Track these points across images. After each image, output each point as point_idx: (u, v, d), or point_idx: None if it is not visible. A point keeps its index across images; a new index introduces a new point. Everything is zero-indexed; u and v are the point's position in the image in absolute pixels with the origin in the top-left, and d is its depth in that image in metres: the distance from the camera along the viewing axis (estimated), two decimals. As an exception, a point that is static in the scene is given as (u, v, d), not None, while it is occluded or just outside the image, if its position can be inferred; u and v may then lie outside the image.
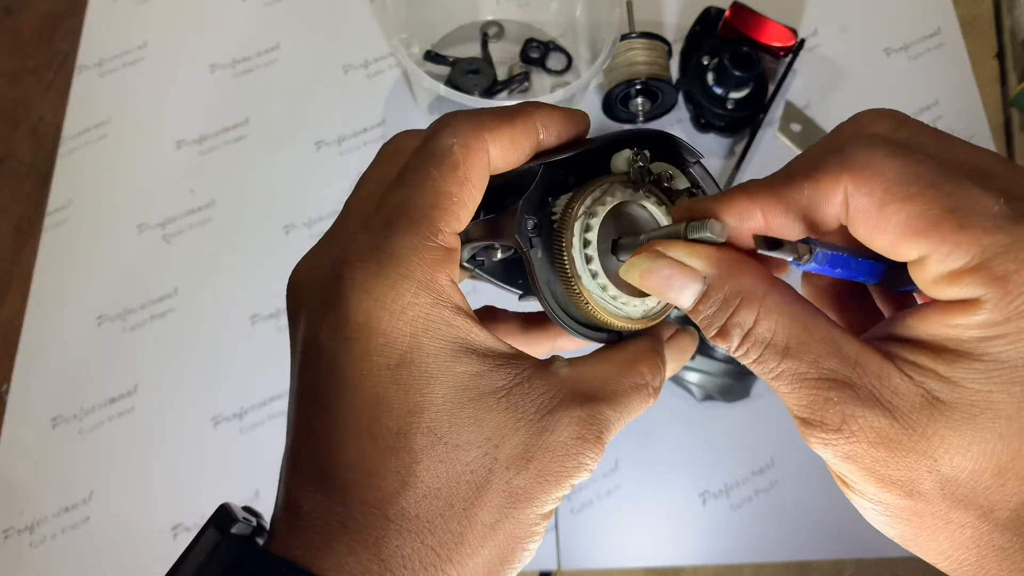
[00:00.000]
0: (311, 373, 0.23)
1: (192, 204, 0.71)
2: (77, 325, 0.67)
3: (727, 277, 0.21)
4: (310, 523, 0.22)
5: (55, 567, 0.60)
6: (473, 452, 0.22)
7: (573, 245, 0.25)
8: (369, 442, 0.22)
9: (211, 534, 0.23)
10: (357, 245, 0.23)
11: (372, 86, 0.76)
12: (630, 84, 0.69)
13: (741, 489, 0.63)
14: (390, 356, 0.22)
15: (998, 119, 0.76)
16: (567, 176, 0.26)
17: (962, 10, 0.79)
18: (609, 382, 0.24)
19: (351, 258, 0.22)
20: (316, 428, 0.23)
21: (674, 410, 0.65)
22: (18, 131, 0.75)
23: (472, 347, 0.23)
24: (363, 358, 0.22)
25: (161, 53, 0.77)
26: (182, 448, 0.64)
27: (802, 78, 0.76)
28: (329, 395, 0.22)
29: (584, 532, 0.61)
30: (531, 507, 0.22)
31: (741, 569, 0.61)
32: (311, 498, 0.22)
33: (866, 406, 0.20)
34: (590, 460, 0.23)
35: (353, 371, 0.22)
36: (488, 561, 0.22)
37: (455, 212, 0.23)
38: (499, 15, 0.77)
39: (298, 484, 0.23)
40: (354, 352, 0.22)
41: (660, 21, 0.78)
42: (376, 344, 0.22)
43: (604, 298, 0.26)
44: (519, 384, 0.23)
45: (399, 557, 0.21)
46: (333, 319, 0.22)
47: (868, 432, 0.20)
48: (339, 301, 0.22)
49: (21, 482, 0.63)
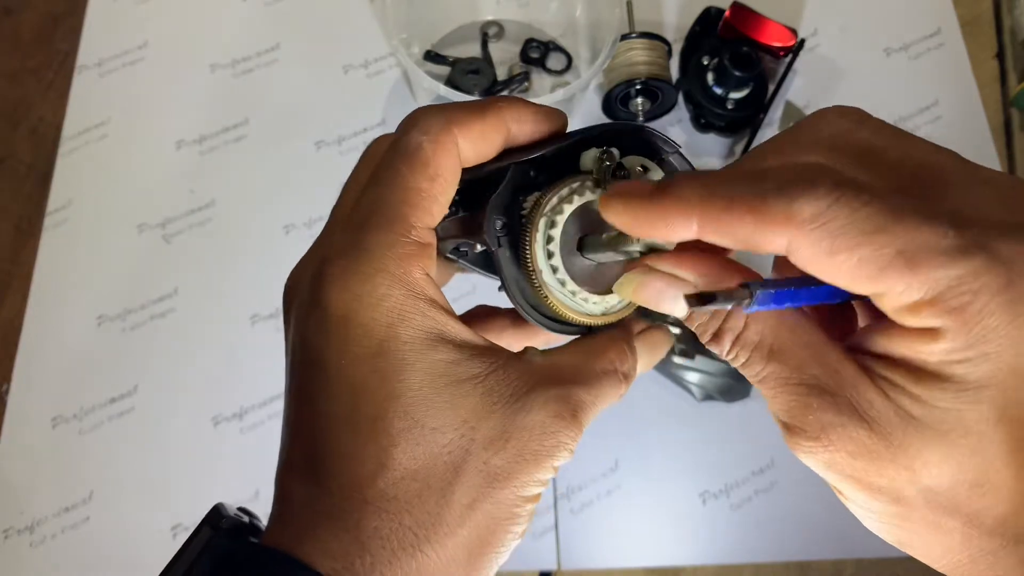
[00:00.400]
0: (299, 369, 0.24)
1: (192, 204, 0.71)
2: (77, 325, 0.67)
3: (717, 285, 0.22)
4: (298, 511, 0.22)
5: (55, 567, 0.60)
6: (450, 434, 0.22)
7: (536, 241, 0.26)
8: (349, 429, 0.22)
9: (204, 532, 0.23)
10: (336, 244, 0.24)
11: (372, 86, 0.76)
12: (630, 84, 0.69)
13: (741, 489, 0.63)
14: (368, 346, 0.22)
15: (998, 119, 0.76)
16: (539, 175, 0.27)
17: (962, 10, 0.79)
18: (581, 368, 0.25)
19: (331, 256, 0.23)
20: (303, 420, 0.23)
21: (674, 410, 0.65)
22: (18, 131, 0.75)
23: (447, 337, 0.23)
24: (343, 349, 0.23)
25: (161, 53, 0.77)
26: (182, 448, 0.64)
27: (802, 78, 0.76)
28: (313, 387, 0.23)
29: (584, 532, 0.61)
30: (510, 487, 0.23)
31: (741, 569, 0.61)
32: (299, 488, 0.23)
33: (844, 416, 0.20)
34: (568, 439, 0.24)
35: (334, 362, 0.23)
36: (467, 542, 0.22)
37: (426, 207, 0.24)
38: (499, 15, 0.77)
39: (288, 476, 0.23)
40: (334, 344, 0.23)
41: (660, 21, 0.78)
42: (355, 334, 0.23)
43: (565, 294, 0.26)
44: (494, 371, 0.24)
45: (378, 538, 0.22)
46: (317, 315, 0.23)
47: (847, 442, 0.20)
48: (320, 297, 0.23)
49: (21, 482, 0.63)
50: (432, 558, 0.22)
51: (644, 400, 0.65)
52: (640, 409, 0.64)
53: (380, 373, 0.22)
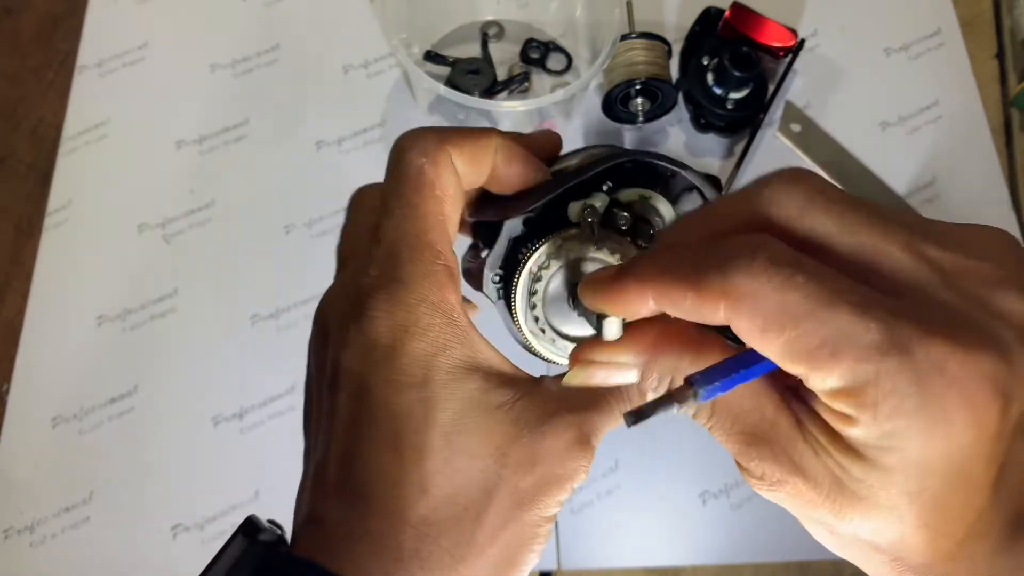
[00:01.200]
0: (342, 395, 0.24)
1: (192, 204, 0.71)
2: (77, 325, 0.67)
3: (655, 359, 0.24)
4: (331, 530, 0.23)
5: (55, 567, 0.60)
6: (486, 460, 0.24)
7: (518, 297, 0.28)
8: (394, 455, 0.23)
9: (239, 541, 0.24)
10: (372, 279, 0.25)
11: (372, 86, 0.76)
12: (630, 84, 0.69)
13: (741, 489, 0.63)
14: (414, 374, 0.24)
15: (998, 119, 0.76)
16: (533, 226, 0.29)
17: (962, 10, 0.79)
18: (590, 394, 0.26)
19: (371, 291, 0.24)
20: (346, 446, 0.24)
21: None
22: (18, 131, 0.75)
23: (480, 366, 0.25)
24: (390, 378, 0.24)
25: (161, 53, 0.77)
26: (182, 448, 0.64)
27: (802, 78, 0.76)
28: (358, 414, 0.24)
29: (584, 532, 0.61)
30: (535, 510, 0.24)
31: (741, 569, 0.61)
32: (335, 510, 0.24)
33: (782, 465, 0.22)
34: (586, 462, 0.25)
35: (380, 390, 0.24)
36: (496, 561, 0.24)
37: (444, 230, 0.25)
38: (499, 15, 0.77)
39: (322, 498, 0.24)
40: (381, 373, 0.24)
41: (660, 21, 0.78)
42: (401, 364, 0.24)
43: (544, 343, 0.29)
44: (520, 399, 0.25)
45: (417, 559, 0.23)
46: (362, 343, 0.24)
47: (784, 486, 0.22)
48: (366, 327, 0.24)
49: (21, 482, 0.63)
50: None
51: (644, 400, 0.65)
52: (640, 409, 0.64)
53: (424, 402, 0.23)
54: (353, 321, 0.24)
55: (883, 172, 0.73)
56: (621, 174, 0.28)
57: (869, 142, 0.74)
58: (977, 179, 0.73)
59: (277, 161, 0.73)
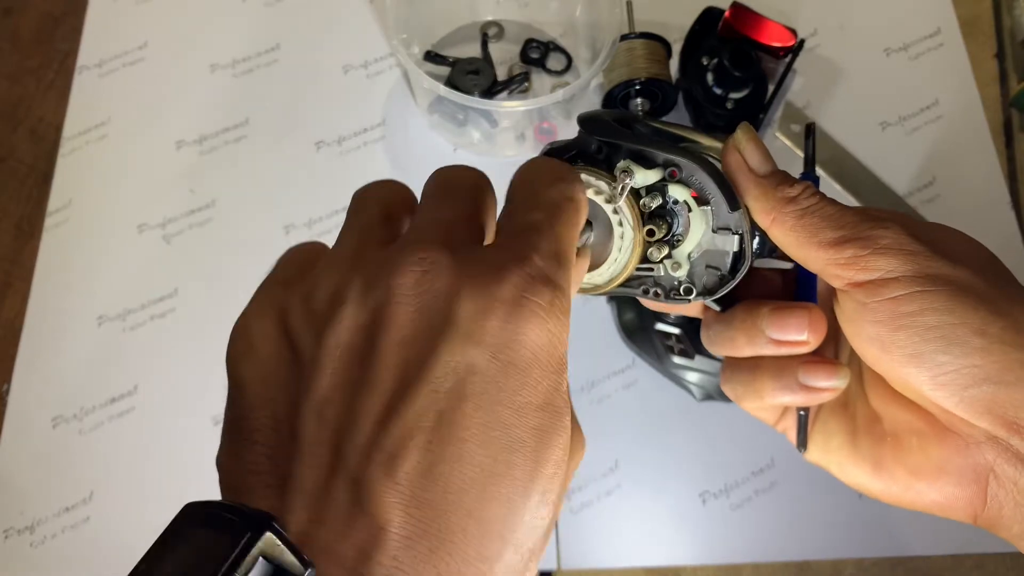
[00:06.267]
0: (469, 406, 0.23)
1: (192, 204, 0.71)
2: (77, 325, 0.67)
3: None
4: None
5: (55, 567, 0.60)
6: None
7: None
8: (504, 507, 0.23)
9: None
10: (542, 269, 0.24)
11: (372, 86, 0.76)
12: (630, 84, 0.69)
13: (741, 489, 0.63)
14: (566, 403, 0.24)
15: (998, 119, 0.76)
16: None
17: (962, 10, 0.79)
18: None
19: (531, 286, 0.23)
20: (432, 460, 0.22)
21: (674, 410, 0.65)
22: (18, 131, 0.75)
23: None
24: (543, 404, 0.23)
25: (161, 53, 0.77)
26: (182, 448, 0.64)
27: (802, 78, 0.76)
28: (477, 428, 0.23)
29: (584, 532, 0.61)
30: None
31: (741, 569, 0.61)
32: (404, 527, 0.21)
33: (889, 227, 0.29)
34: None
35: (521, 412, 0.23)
36: None
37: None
38: (499, 15, 0.77)
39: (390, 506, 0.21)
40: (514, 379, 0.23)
41: (660, 21, 0.78)
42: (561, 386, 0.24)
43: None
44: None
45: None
46: (515, 346, 0.23)
47: (893, 243, 0.28)
48: (522, 328, 0.23)
49: (21, 482, 0.63)
50: None
51: (644, 400, 0.65)
52: (640, 409, 0.64)
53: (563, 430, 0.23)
54: (505, 319, 0.22)
55: (883, 172, 0.73)
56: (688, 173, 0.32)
57: (869, 142, 0.74)
58: (977, 179, 0.73)
59: (277, 161, 0.73)
